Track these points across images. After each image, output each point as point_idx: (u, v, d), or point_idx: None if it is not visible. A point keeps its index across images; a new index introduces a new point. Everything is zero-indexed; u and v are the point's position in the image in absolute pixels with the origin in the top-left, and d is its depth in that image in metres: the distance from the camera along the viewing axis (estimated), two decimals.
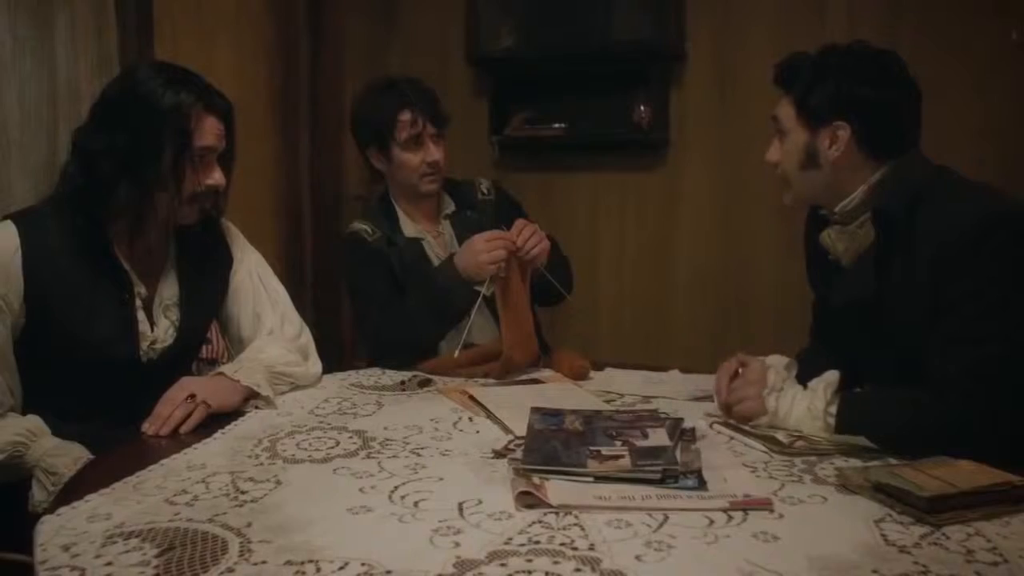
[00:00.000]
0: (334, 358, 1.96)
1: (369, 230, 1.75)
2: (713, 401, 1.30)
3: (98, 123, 1.26)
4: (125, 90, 1.26)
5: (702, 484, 0.99)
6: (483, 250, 1.56)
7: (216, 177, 1.31)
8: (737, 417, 1.24)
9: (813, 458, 1.11)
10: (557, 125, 2.89)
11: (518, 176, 2.81)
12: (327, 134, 2.96)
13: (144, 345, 1.33)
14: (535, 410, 1.21)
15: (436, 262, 1.75)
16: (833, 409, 1.15)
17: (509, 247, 1.56)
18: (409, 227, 1.81)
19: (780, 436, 1.15)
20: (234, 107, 1.35)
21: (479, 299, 1.55)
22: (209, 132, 1.29)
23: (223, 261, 1.47)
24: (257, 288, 1.48)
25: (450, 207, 1.86)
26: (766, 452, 1.13)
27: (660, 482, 0.98)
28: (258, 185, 2.70)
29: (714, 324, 2.88)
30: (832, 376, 1.18)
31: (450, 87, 2.78)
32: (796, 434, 1.16)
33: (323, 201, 2.99)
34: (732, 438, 1.19)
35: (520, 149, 3.01)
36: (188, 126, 1.25)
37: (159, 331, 1.35)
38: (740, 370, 1.28)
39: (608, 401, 1.37)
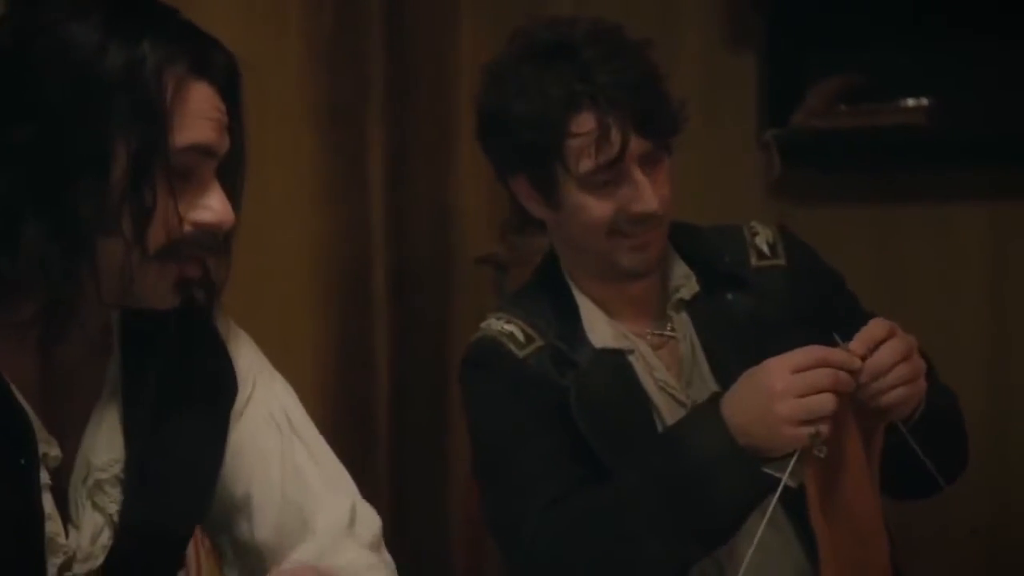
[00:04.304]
0: None
1: (519, 334, 1.83)
2: None
3: None
4: (22, 34, 1.31)
5: None
6: (790, 391, 1.55)
7: (216, 205, 1.35)
8: None
9: None
10: (910, 102, 2.81)
11: (823, 212, 2.79)
12: (421, 143, 3.08)
13: (55, 562, 1.35)
14: None
15: (667, 409, 1.78)
16: None
17: (847, 385, 1.54)
18: (601, 327, 1.85)
19: None
20: (239, 68, 1.40)
21: (776, 494, 1.56)
22: (201, 116, 1.34)
23: (218, 390, 1.50)
24: (290, 446, 1.51)
25: (689, 283, 1.87)
26: None
27: None
28: (279, 241, 2.75)
29: None
30: None
31: (673, 31, 2.84)
32: None
33: (411, 270, 3.10)
34: None
35: (828, 155, 2.93)
36: (161, 104, 1.30)
37: (82, 536, 1.38)
38: None
39: None
